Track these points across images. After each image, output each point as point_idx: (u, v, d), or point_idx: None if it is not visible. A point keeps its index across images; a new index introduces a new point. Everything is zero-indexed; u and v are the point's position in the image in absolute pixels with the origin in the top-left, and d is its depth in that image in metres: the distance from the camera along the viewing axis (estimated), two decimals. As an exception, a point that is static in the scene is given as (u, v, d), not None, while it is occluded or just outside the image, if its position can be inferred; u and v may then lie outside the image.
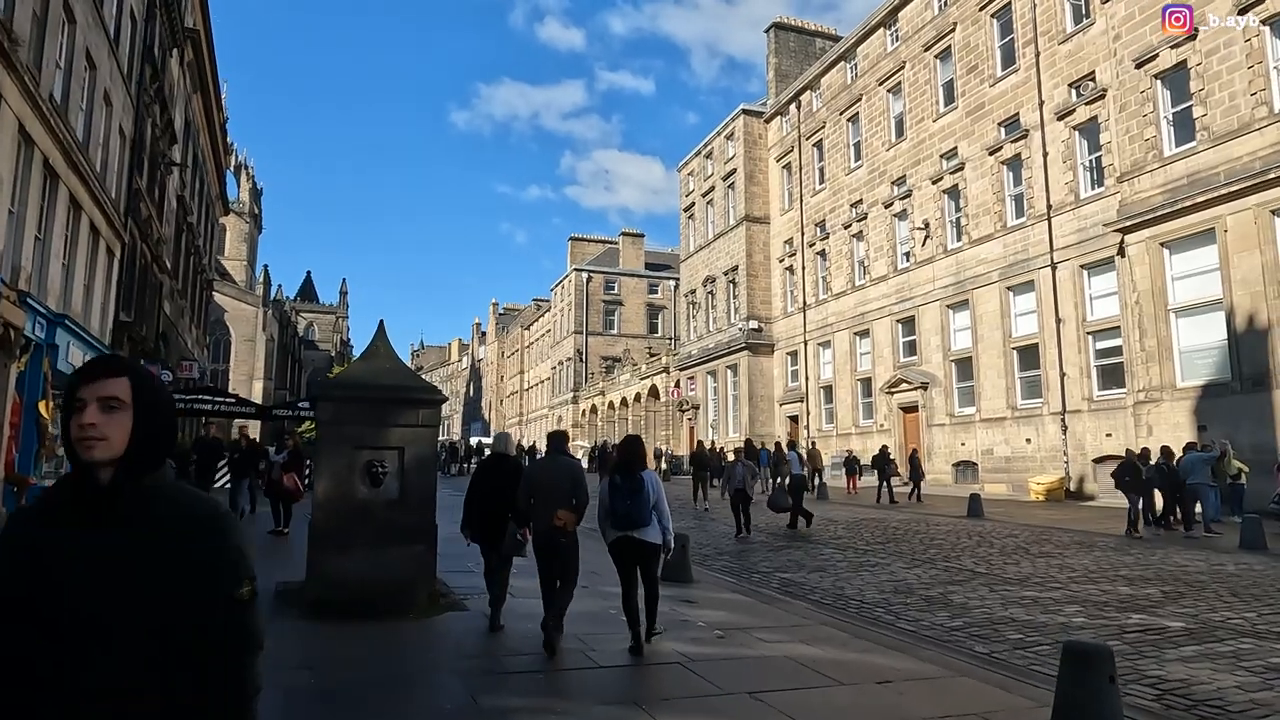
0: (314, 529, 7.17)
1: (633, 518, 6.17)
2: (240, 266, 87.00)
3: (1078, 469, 23.24)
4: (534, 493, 6.46)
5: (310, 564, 7.15)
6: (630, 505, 6.16)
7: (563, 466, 6.60)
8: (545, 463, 6.78)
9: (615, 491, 6.23)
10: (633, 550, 6.30)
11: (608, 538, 6.40)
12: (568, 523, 6.22)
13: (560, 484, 6.37)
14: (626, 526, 6.22)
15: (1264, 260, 17.92)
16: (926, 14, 30.38)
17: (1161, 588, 8.77)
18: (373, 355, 7.86)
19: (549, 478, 6.49)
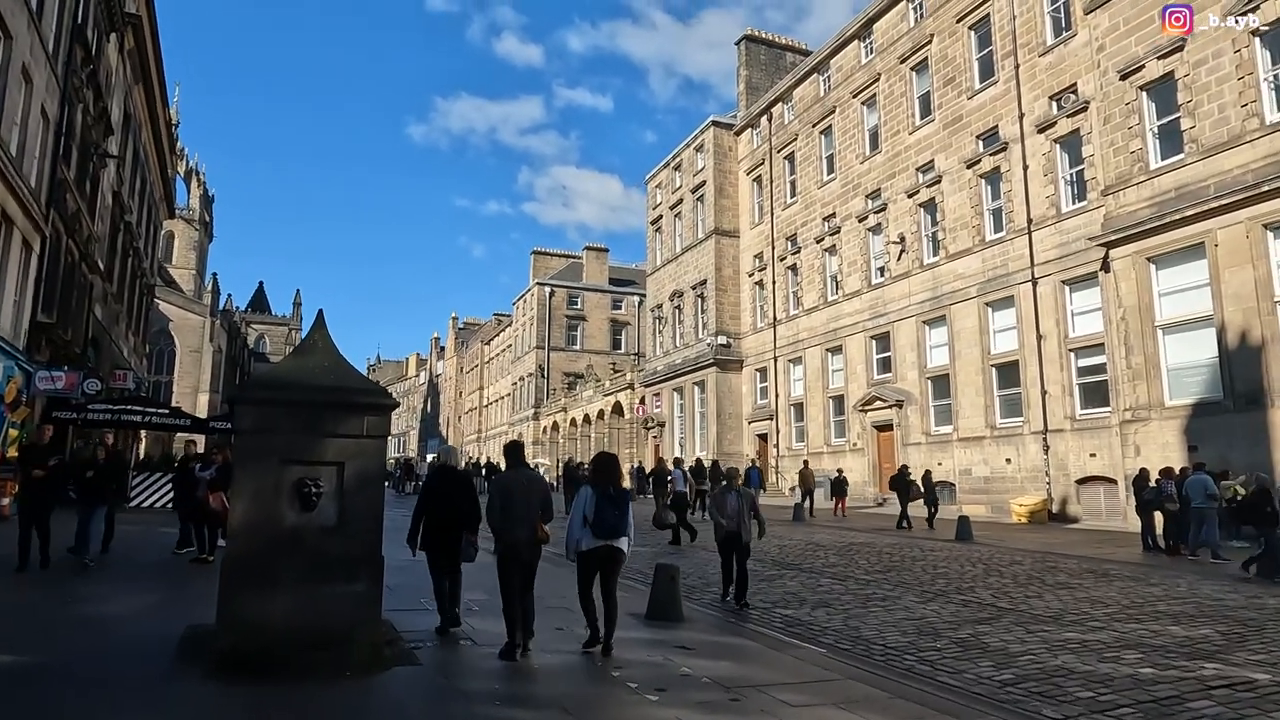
0: (228, 563, 5.76)
1: (619, 528, 6.57)
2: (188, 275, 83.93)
3: (1060, 490, 22.51)
4: (506, 504, 6.47)
5: (222, 606, 5.73)
6: (619, 516, 6.56)
7: (533, 480, 6.82)
8: (513, 475, 6.82)
9: (608, 503, 6.53)
10: (609, 558, 6.63)
11: (581, 546, 6.59)
12: (545, 535, 6.55)
13: (532, 497, 6.55)
14: (609, 536, 6.54)
15: (1257, 275, 17.39)
16: (902, 26, 29.90)
17: (1215, 627, 7.76)
18: (309, 350, 6.50)
19: (520, 490, 6.57)
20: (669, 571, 8.02)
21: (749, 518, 8.88)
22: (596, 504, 6.50)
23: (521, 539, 6.41)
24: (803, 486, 24.40)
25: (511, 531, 6.41)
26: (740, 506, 8.86)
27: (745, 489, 9.25)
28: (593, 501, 6.52)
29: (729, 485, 9.27)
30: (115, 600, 8.33)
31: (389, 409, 6.42)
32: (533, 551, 6.49)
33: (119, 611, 7.77)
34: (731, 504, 8.90)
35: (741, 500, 8.93)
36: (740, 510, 8.82)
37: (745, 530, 8.79)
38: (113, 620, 7.38)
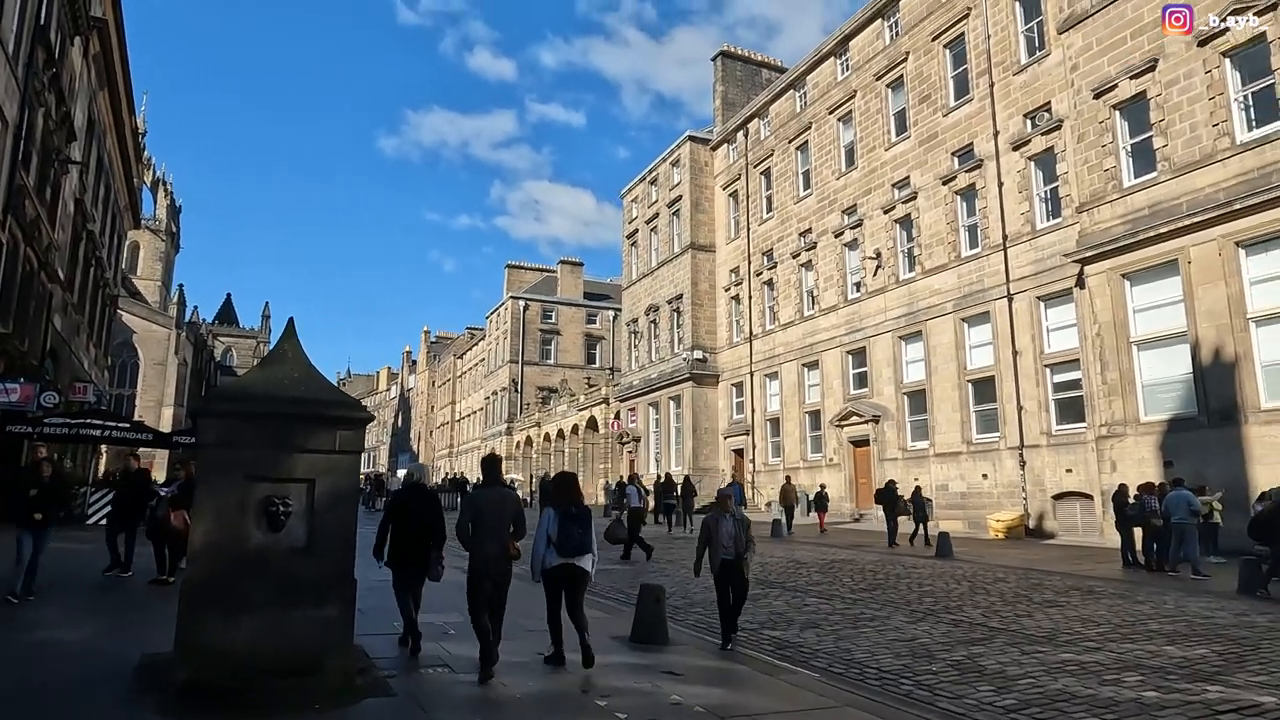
0: (189, 586, 5.38)
1: (583, 547, 6.62)
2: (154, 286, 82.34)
3: (1037, 506, 22.53)
4: (476, 520, 6.45)
5: (181, 633, 5.35)
6: (583, 535, 6.62)
7: (506, 498, 6.77)
8: (487, 492, 6.81)
9: (572, 522, 6.62)
10: (573, 576, 6.67)
11: (546, 564, 6.62)
12: (516, 552, 6.53)
13: (504, 514, 6.53)
14: (573, 554, 6.61)
15: (1229, 292, 17.56)
16: (878, 44, 30.14)
17: (1210, 646, 7.62)
18: (278, 360, 6.15)
19: (493, 507, 6.55)
20: (654, 593, 7.73)
21: (746, 546, 7.63)
22: (560, 523, 6.61)
23: (492, 555, 6.38)
24: (783, 502, 24.20)
25: (482, 548, 6.39)
26: (737, 533, 7.62)
27: (740, 513, 8.00)
28: (556, 521, 6.62)
29: (721, 509, 7.89)
30: (65, 626, 7.85)
31: (363, 423, 6.09)
32: (503, 569, 6.46)
33: (69, 638, 7.30)
34: (727, 530, 7.62)
35: (738, 526, 7.67)
36: (737, 537, 7.60)
37: (746, 560, 7.60)
38: (62, 648, 6.92)
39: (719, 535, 7.64)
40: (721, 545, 7.59)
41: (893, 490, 20.57)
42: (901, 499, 20.39)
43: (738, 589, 7.61)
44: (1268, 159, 17.05)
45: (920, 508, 20.30)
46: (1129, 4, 20.05)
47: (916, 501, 20.45)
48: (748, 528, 7.74)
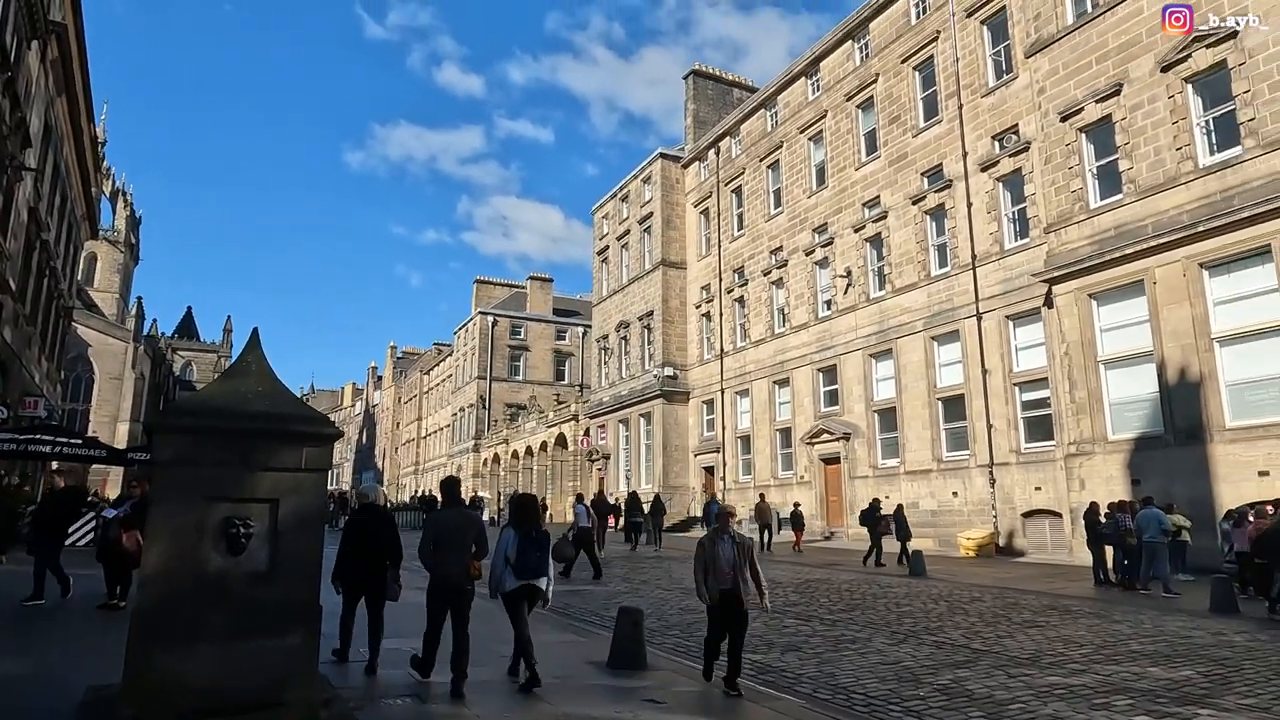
0: (139, 615, 5.02)
1: (541, 569, 6.70)
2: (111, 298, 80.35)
3: (1007, 523, 22.63)
4: (438, 541, 6.58)
5: (130, 665, 4.97)
6: (541, 558, 6.71)
7: (468, 518, 6.95)
8: (449, 513, 6.91)
9: (530, 544, 6.69)
10: (531, 596, 6.74)
11: (505, 586, 6.64)
12: (478, 572, 6.67)
13: (466, 534, 6.68)
14: (532, 576, 6.66)
15: (1194, 313, 17.83)
16: (848, 64, 30.47)
17: (1194, 667, 7.55)
18: (240, 373, 5.82)
19: (455, 528, 6.68)
20: (632, 616, 7.47)
21: (748, 573, 6.64)
22: (519, 545, 6.67)
23: (453, 576, 6.51)
24: (759, 520, 24.03)
25: (443, 567, 6.53)
26: (737, 558, 6.62)
27: (742, 535, 6.96)
28: (515, 543, 6.68)
29: (720, 529, 6.87)
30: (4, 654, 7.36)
31: (331, 439, 5.79)
32: (464, 588, 6.58)
33: (8, 669, 6.83)
34: (726, 554, 6.64)
35: (739, 551, 6.67)
36: (738, 563, 6.61)
37: (745, 589, 6.59)
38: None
39: (717, 560, 6.63)
40: (721, 572, 6.59)
41: (876, 510, 20.34)
42: (885, 518, 20.17)
43: (736, 625, 6.61)
44: (1229, 183, 17.40)
45: (903, 526, 20.11)
46: (1094, 29, 20.46)
47: (899, 520, 20.27)
48: (750, 552, 6.78)
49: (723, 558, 6.65)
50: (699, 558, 6.81)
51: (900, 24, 28.08)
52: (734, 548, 6.72)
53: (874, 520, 19.91)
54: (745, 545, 6.82)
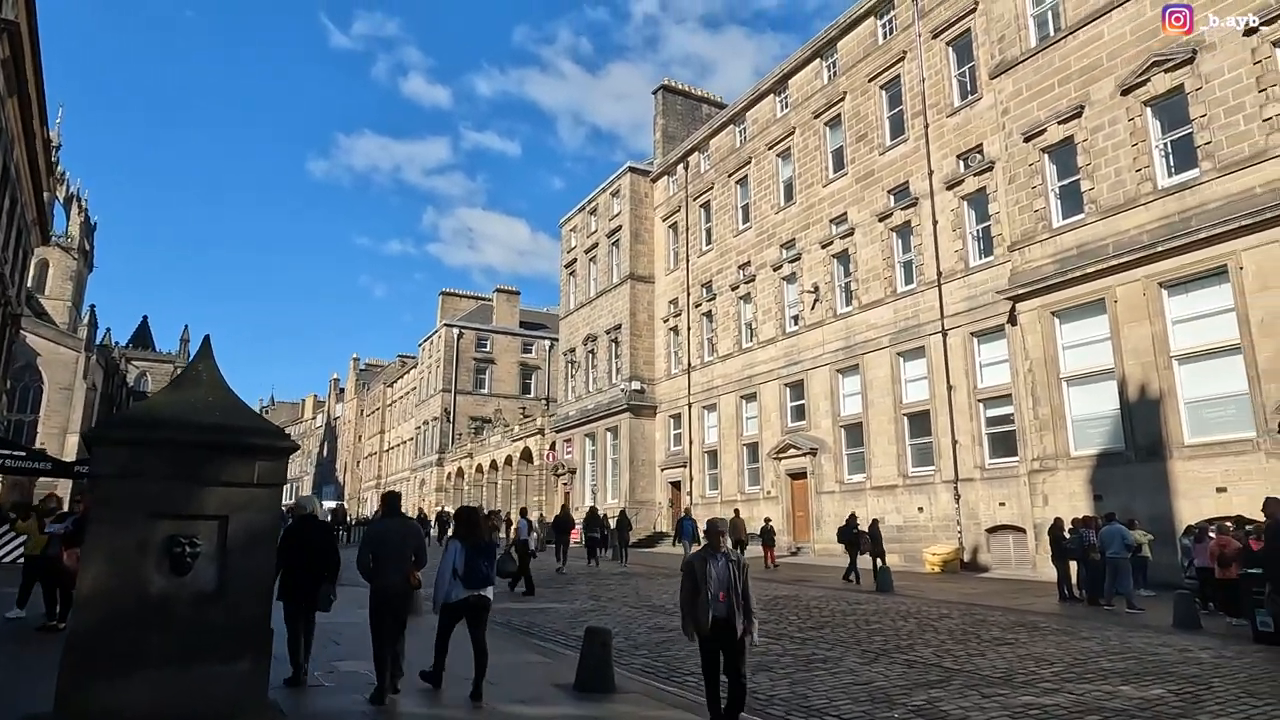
0: (74, 639, 4.69)
1: (489, 578, 6.90)
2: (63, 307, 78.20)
3: (971, 539, 22.76)
4: (377, 552, 6.68)
5: (64, 694, 4.64)
6: (489, 568, 6.90)
7: (407, 529, 7.08)
8: (388, 524, 7.06)
9: (478, 555, 6.83)
10: (479, 606, 6.86)
11: (452, 597, 6.74)
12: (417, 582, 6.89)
13: (405, 545, 6.79)
14: (480, 586, 6.83)
15: (1154, 331, 18.13)
16: (816, 82, 30.75)
17: (1165, 685, 7.52)
18: (190, 383, 5.53)
19: (394, 539, 6.81)
20: (600, 637, 7.24)
21: (742, 599, 5.76)
22: (467, 557, 6.80)
23: (393, 586, 6.63)
24: (732, 536, 23.78)
25: (382, 578, 6.63)
26: (732, 580, 5.76)
27: (737, 554, 6.06)
28: (462, 555, 6.81)
29: (712, 547, 5.96)
30: (-68, 681, 6.91)
31: (286, 452, 5.51)
32: (404, 598, 6.76)
33: (-66, 697, 6.39)
34: (719, 576, 5.75)
35: (734, 571, 5.81)
36: (732, 586, 5.74)
37: (741, 618, 5.71)
38: (-76, 709, 6.04)
39: (708, 583, 5.73)
40: (713, 597, 5.69)
41: (854, 526, 19.99)
42: (863, 534, 19.85)
43: (732, 659, 5.73)
44: (1188, 204, 17.77)
45: (878, 542, 19.85)
46: (1057, 52, 20.86)
47: (875, 535, 20.00)
48: (747, 574, 5.90)
49: (715, 579, 5.75)
50: (686, 581, 5.91)
51: (868, 43, 28.42)
52: (729, 568, 5.81)
53: (852, 536, 19.64)
54: (743, 566, 5.92)
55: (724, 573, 5.78)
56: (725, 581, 5.75)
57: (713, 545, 5.98)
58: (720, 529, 6.08)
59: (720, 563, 5.83)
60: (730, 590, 5.72)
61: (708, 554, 5.90)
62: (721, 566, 5.81)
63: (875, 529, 20.10)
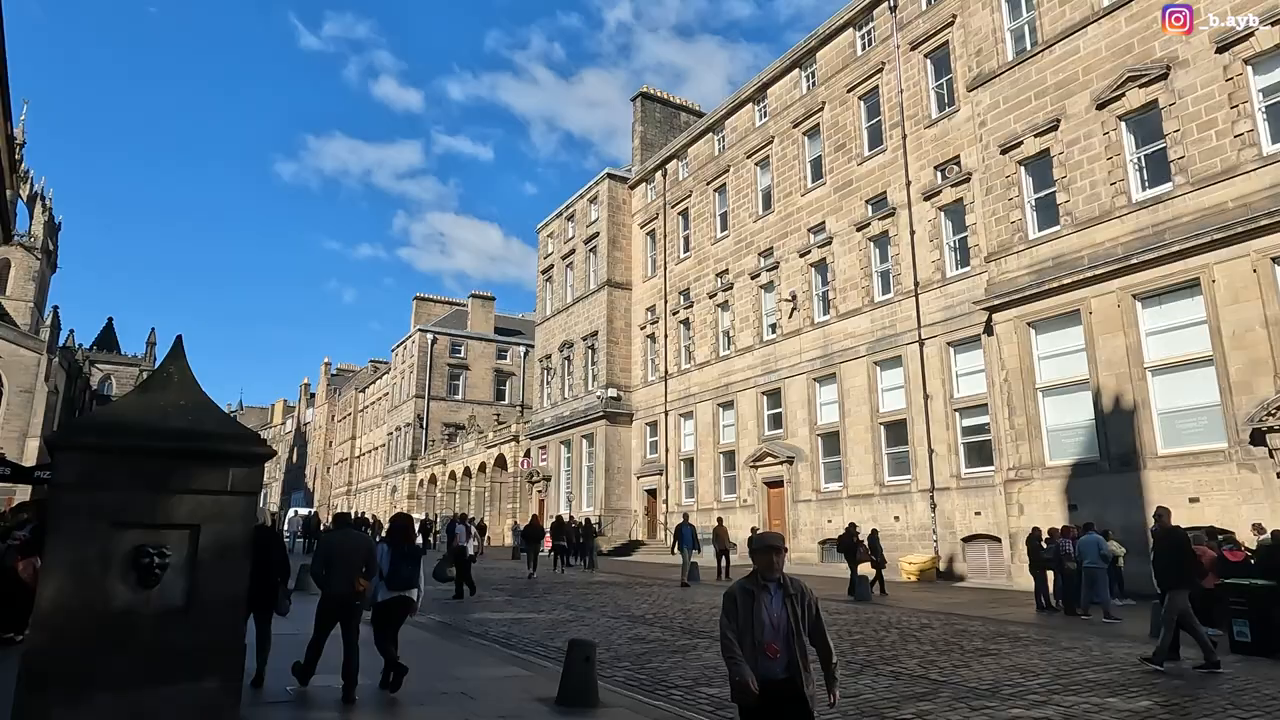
0: (30, 659, 4.41)
1: (412, 580, 7.33)
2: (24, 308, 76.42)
3: (947, 548, 22.83)
4: (329, 562, 7.10)
5: (20, 716, 4.35)
6: (412, 571, 7.34)
7: (358, 540, 7.53)
8: (340, 536, 7.61)
9: (403, 559, 7.29)
10: (401, 608, 7.36)
11: (377, 597, 7.24)
12: (366, 589, 7.21)
13: (356, 555, 7.22)
14: (403, 588, 7.28)
15: (1128, 342, 18.31)
16: (795, 92, 30.88)
17: (1151, 698, 7.48)
18: (159, 385, 5.27)
19: (346, 549, 7.25)
20: (584, 650, 7.04)
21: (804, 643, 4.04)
22: (392, 560, 7.28)
23: (341, 593, 7.05)
24: (717, 544, 23.60)
25: (331, 585, 7.07)
26: (791, 624, 4.02)
27: (799, 582, 4.22)
28: (388, 558, 7.30)
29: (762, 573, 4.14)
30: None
31: (260, 459, 5.27)
32: (351, 604, 7.10)
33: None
34: (771, 617, 4.03)
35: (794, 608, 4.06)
36: (793, 633, 4.01)
37: (807, 676, 3.99)
38: None
39: (756, 627, 3.97)
40: (765, 647, 3.95)
41: (854, 535, 19.40)
42: (861, 544, 19.35)
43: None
44: (1161, 217, 17.98)
45: (878, 551, 19.45)
46: (1033, 66, 21.07)
47: (875, 545, 19.54)
48: (814, 610, 4.14)
49: (767, 623, 3.97)
50: (726, 621, 4.05)
51: (846, 54, 28.59)
52: (785, 605, 4.01)
53: (852, 545, 19.04)
54: (806, 599, 4.10)
55: (779, 612, 3.97)
56: (782, 626, 3.95)
57: (763, 569, 4.08)
58: (773, 544, 4.14)
59: (775, 597, 4.00)
60: (791, 640, 3.98)
61: (755, 584, 4.07)
62: (776, 603, 3.99)
63: (875, 538, 19.82)
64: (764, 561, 4.13)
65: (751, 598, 4.05)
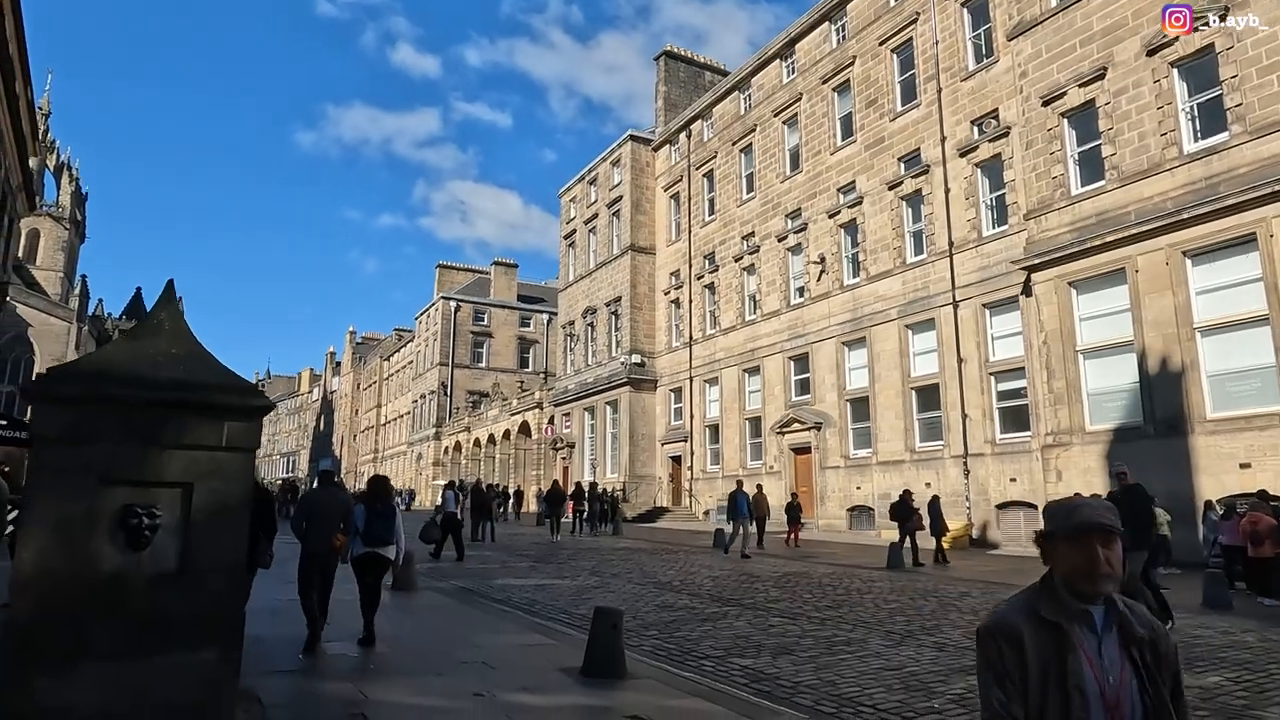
0: (12, 628, 4.06)
1: (386, 538, 7.83)
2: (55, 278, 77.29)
3: (981, 515, 22.26)
4: (309, 517, 7.63)
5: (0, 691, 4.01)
6: (385, 529, 7.80)
7: (337, 498, 8.12)
8: (320, 493, 8.18)
9: (376, 517, 7.79)
10: (375, 562, 7.83)
11: (354, 552, 7.79)
12: (342, 545, 7.77)
13: (334, 512, 7.79)
14: (377, 544, 7.78)
15: (1176, 302, 17.48)
16: (825, 47, 29.81)
17: (1221, 673, 6.99)
18: (150, 333, 4.86)
19: (325, 507, 7.80)
20: (611, 619, 6.64)
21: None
22: (366, 518, 7.76)
23: (320, 549, 7.55)
24: (756, 513, 22.84)
25: (311, 541, 7.55)
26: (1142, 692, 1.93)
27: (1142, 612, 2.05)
28: (363, 516, 7.78)
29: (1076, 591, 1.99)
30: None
31: (258, 412, 4.84)
32: (329, 558, 7.62)
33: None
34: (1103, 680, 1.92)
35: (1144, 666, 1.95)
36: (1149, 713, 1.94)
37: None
38: None
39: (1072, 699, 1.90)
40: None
41: (909, 502, 18.20)
42: (917, 511, 18.08)
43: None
44: (1214, 169, 17.04)
45: (938, 519, 18.04)
46: (1078, 11, 19.99)
47: (935, 511, 18.18)
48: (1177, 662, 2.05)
49: (1095, 690, 1.93)
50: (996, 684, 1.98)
51: (879, 5, 27.46)
52: (1126, 657, 1.97)
53: (907, 513, 17.79)
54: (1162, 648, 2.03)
55: (1119, 673, 1.96)
56: (1127, 705, 1.94)
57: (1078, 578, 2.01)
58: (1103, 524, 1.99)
59: (1107, 640, 1.99)
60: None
61: (1059, 609, 2.01)
62: (1112, 652, 1.98)
63: (935, 505, 18.55)
64: (1083, 560, 2.00)
65: (1054, 640, 1.98)
